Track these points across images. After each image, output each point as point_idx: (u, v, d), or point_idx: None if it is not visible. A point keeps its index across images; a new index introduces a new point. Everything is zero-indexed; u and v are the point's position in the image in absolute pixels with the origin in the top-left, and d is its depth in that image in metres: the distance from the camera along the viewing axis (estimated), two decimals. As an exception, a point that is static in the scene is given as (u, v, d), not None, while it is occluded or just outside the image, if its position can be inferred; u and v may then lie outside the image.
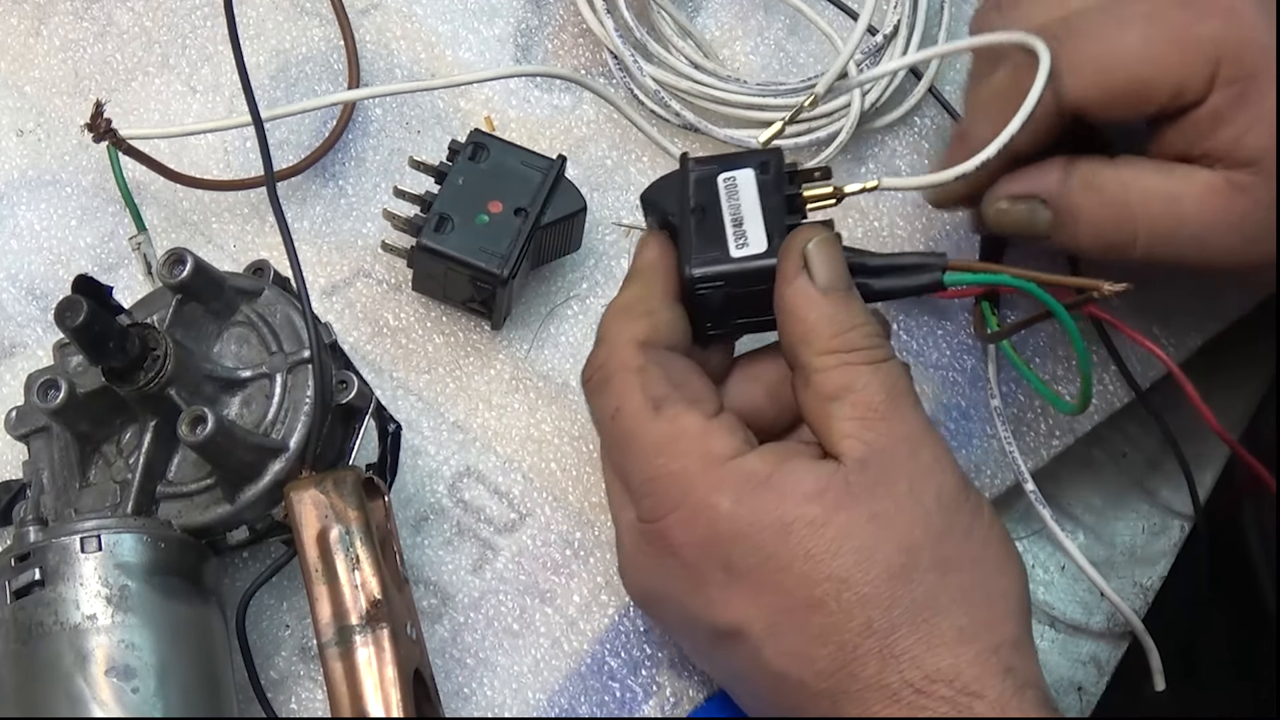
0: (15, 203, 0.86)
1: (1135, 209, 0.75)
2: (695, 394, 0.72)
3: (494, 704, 0.78)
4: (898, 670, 0.66)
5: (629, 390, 0.71)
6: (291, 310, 0.76)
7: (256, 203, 0.86)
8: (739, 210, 0.74)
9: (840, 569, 0.67)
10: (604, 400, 0.72)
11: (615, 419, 0.71)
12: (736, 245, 0.73)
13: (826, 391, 0.70)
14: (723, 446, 0.69)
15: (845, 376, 0.69)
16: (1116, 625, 0.84)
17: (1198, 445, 0.87)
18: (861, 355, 0.70)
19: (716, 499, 0.68)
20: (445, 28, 0.91)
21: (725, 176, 0.75)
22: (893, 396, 0.69)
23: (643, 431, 0.71)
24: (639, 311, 0.73)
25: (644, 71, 0.87)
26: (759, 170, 0.75)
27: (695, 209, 0.74)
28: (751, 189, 0.74)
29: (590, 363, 0.74)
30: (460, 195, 0.80)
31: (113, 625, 0.68)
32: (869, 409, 0.69)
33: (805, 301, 0.71)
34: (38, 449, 0.77)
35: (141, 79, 0.89)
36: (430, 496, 0.81)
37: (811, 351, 0.70)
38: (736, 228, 0.74)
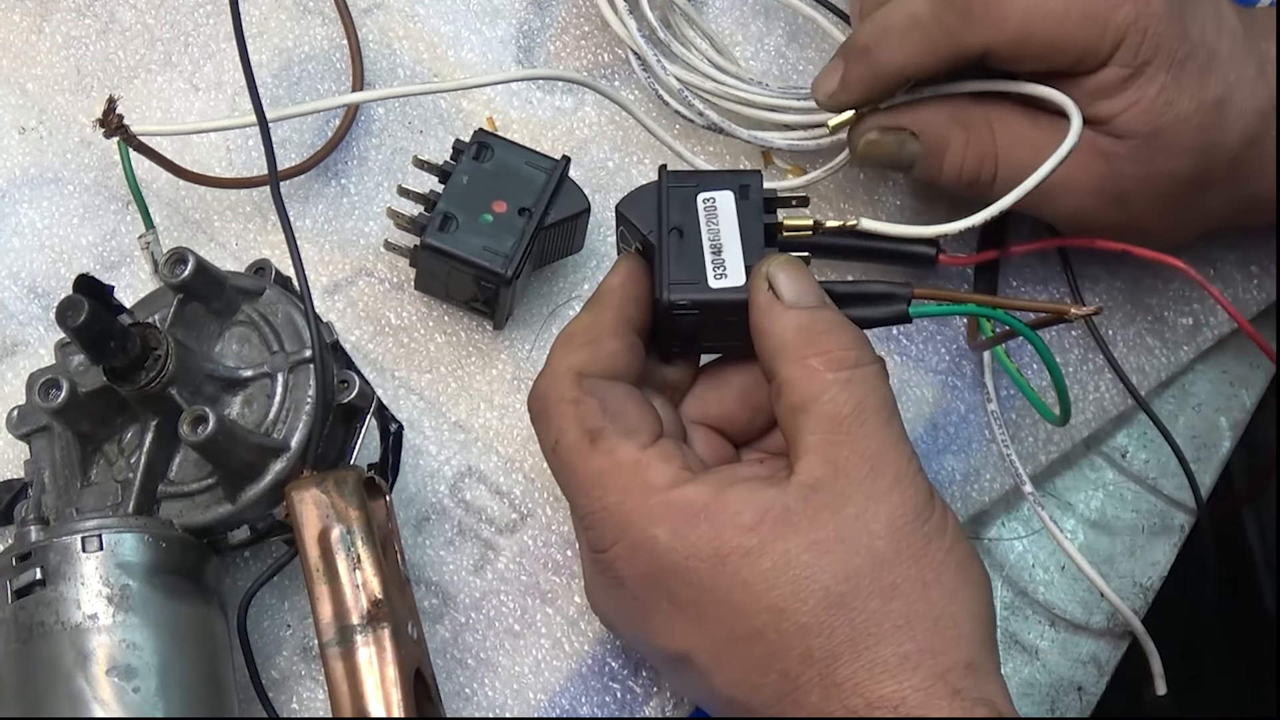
0: (17, 201, 0.86)
1: (1000, 151, 0.78)
2: (632, 424, 0.71)
3: (495, 704, 0.78)
4: (840, 698, 0.65)
5: (565, 422, 0.71)
6: (293, 309, 0.76)
7: (259, 201, 0.86)
8: (718, 236, 0.73)
9: (778, 599, 0.66)
10: (544, 431, 0.72)
11: (555, 451, 0.71)
12: (715, 275, 0.73)
13: (794, 402, 0.69)
14: (658, 477, 0.69)
15: (813, 387, 0.68)
16: (1116, 625, 0.84)
17: (1197, 447, 0.87)
18: (832, 363, 0.69)
19: (654, 531, 0.68)
20: (447, 28, 0.91)
21: (705, 197, 0.74)
22: (860, 411, 0.68)
23: (580, 465, 0.70)
24: (582, 340, 0.73)
25: (668, 71, 0.87)
26: (738, 194, 0.74)
27: (673, 229, 0.74)
28: (731, 213, 0.74)
29: (533, 390, 0.73)
30: (464, 194, 0.80)
31: (114, 625, 0.68)
32: (834, 423, 0.68)
33: (774, 319, 0.71)
34: (39, 448, 0.77)
35: (144, 77, 0.89)
36: (432, 496, 0.81)
37: (782, 362, 0.70)
38: (715, 255, 0.73)
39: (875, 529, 0.67)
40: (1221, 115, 0.77)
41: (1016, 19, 0.76)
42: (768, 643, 0.66)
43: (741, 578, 0.67)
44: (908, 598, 0.66)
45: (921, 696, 0.65)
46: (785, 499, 0.67)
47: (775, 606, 0.66)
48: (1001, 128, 0.79)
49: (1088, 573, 0.81)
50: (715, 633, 0.67)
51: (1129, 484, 0.86)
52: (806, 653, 0.66)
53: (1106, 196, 0.79)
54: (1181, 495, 0.86)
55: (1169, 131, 0.77)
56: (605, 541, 0.69)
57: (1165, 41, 0.76)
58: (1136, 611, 0.83)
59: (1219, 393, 0.88)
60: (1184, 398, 0.88)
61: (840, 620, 0.66)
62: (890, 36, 0.78)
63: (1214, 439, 0.88)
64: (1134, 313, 0.87)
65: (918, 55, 0.77)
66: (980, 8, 0.76)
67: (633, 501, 0.69)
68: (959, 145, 0.79)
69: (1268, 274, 0.88)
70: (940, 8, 0.77)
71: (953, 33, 0.77)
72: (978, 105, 0.79)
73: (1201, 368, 0.88)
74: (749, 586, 0.66)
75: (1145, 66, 0.76)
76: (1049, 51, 0.77)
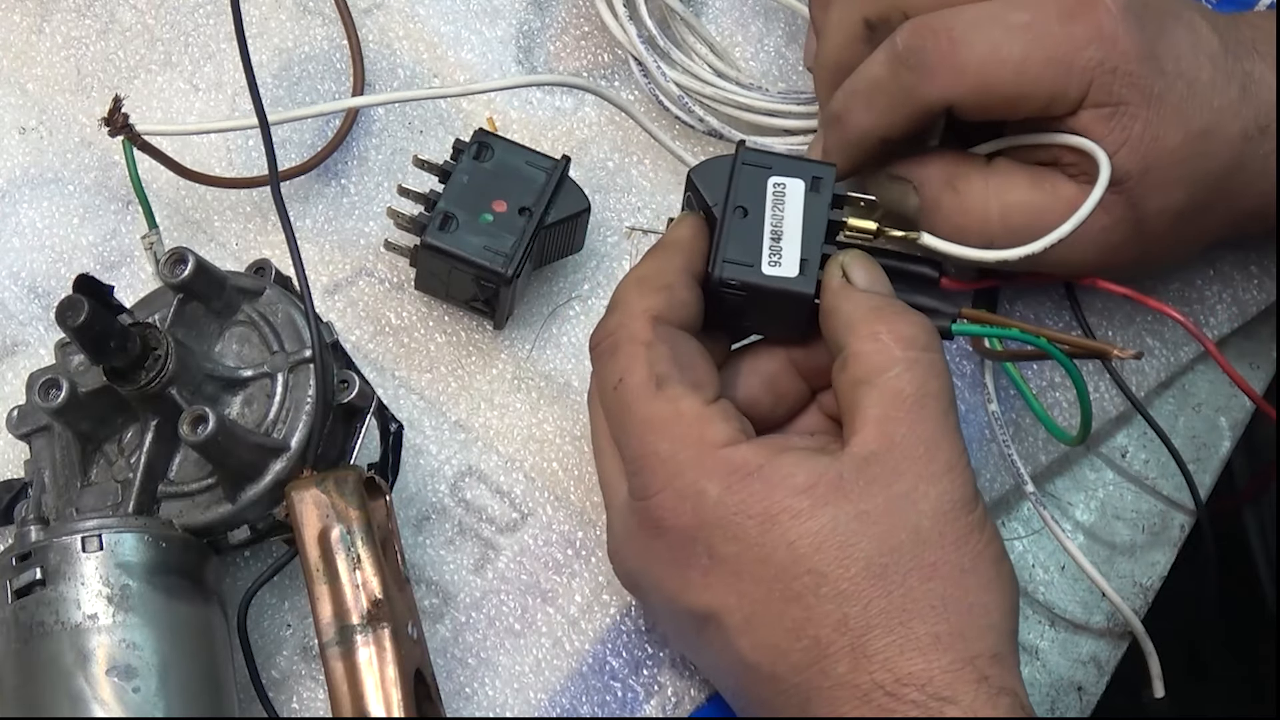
0: (17, 200, 0.86)
1: (994, 220, 0.78)
2: (698, 378, 0.72)
3: (495, 704, 0.78)
4: (869, 671, 0.66)
5: (635, 363, 0.71)
6: (293, 309, 0.76)
7: (259, 201, 0.86)
8: (780, 223, 0.74)
9: (821, 563, 0.67)
10: (609, 369, 0.72)
11: (617, 390, 0.72)
12: (769, 262, 0.73)
13: (859, 375, 0.70)
14: (717, 434, 0.70)
15: (879, 360, 0.70)
16: (1116, 625, 0.84)
17: (1197, 447, 0.87)
18: (901, 341, 0.70)
19: (705, 484, 0.69)
20: (448, 28, 0.91)
21: (776, 181, 0.75)
22: (923, 394, 0.69)
23: (641, 407, 0.71)
24: (656, 284, 0.73)
25: (668, 77, 0.86)
26: (810, 185, 0.75)
27: (739, 207, 0.74)
28: (798, 203, 0.75)
29: (601, 328, 0.74)
30: (465, 194, 0.81)
31: (114, 625, 0.68)
32: (897, 400, 0.69)
33: (848, 299, 0.72)
34: (39, 448, 0.77)
35: (144, 77, 0.89)
36: (432, 496, 0.81)
37: (853, 336, 0.71)
38: (774, 242, 0.74)
39: (923, 509, 0.68)
40: (1208, 144, 0.77)
41: (973, 70, 0.75)
42: (805, 606, 0.67)
43: (788, 538, 0.67)
44: (945, 580, 0.67)
45: (949, 678, 0.65)
46: (839, 467, 0.68)
47: (818, 570, 0.67)
48: (999, 191, 0.78)
49: (1089, 572, 0.81)
50: (752, 592, 0.68)
51: (1129, 484, 0.86)
52: (842, 620, 0.66)
53: (1108, 246, 0.78)
54: (1181, 495, 0.86)
55: (1159, 167, 0.76)
56: (652, 488, 0.70)
57: (1140, 79, 0.75)
58: (1136, 612, 0.83)
59: (1219, 393, 0.88)
60: (1184, 398, 0.88)
61: (879, 592, 0.67)
62: (856, 101, 0.78)
63: (1214, 439, 0.88)
64: (1133, 313, 0.87)
65: (883, 117, 0.77)
66: (935, 62, 0.75)
67: (688, 453, 0.69)
68: (950, 208, 0.78)
69: (1268, 274, 0.88)
70: (895, 67, 0.76)
71: (911, 90, 0.76)
72: (978, 168, 0.79)
73: (1201, 368, 0.88)
74: (794, 548, 0.67)
75: (1123, 105, 0.75)
76: (1012, 100, 0.76)
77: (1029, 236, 0.76)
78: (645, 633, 0.79)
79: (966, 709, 0.65)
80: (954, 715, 0.65)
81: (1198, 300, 0.88)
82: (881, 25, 0.78)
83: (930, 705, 0.65)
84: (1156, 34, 0.76)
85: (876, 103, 0.77)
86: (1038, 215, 0.77)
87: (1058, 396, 0.85)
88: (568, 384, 0.84)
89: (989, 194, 0.78)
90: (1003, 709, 0.66)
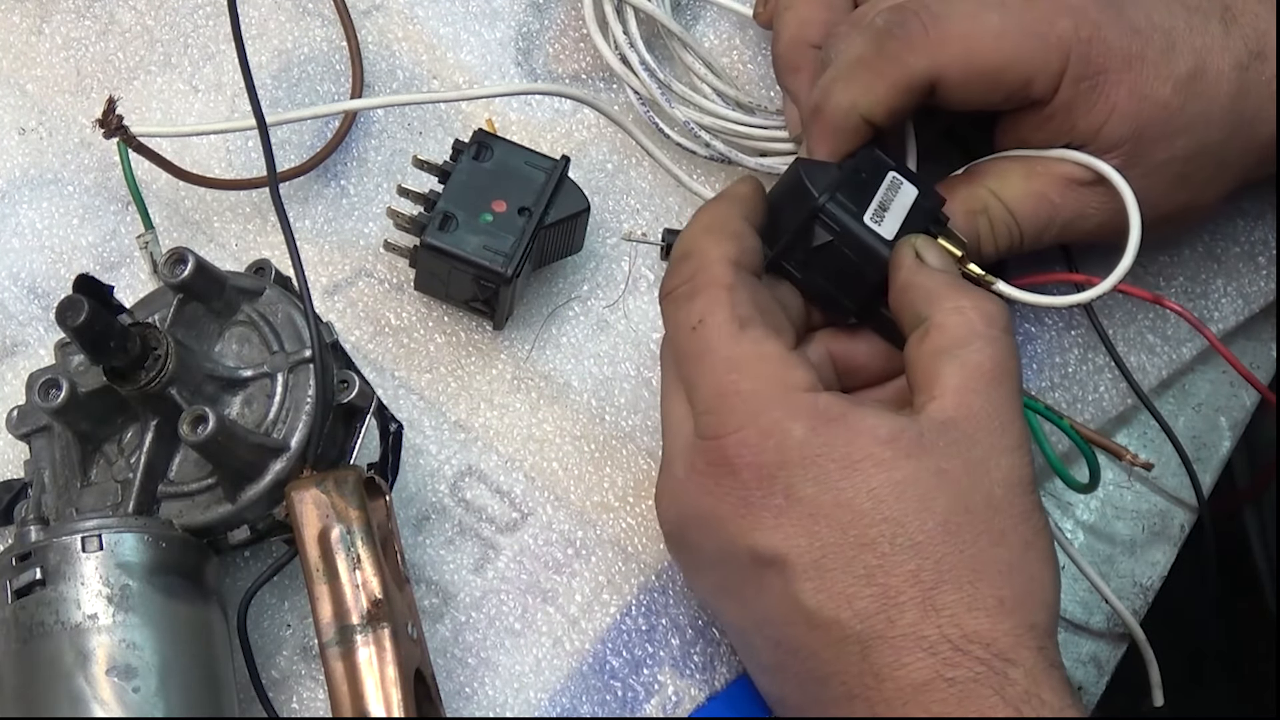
0: (17, 201, 0.86)
1: (1016, 218, 0.79)
2: (779, 324, 0.73)
3: (495, 703, 0.78)
4: (936, 624, 0.66)
5: (717, 305, 0.72)
6: (293, 310, 0.76)
7: (259, 202, 0.86)
8: (889, 203, 0.76)
9: (899, 513, 0.68)
10: (687, 312, 0.72)
11: (697, 330, 0.72)
12: (872, 219, 0.75)
13: (942, 344, 0.71)
14: (800, 379, 0.70)
15: (963, 332, 0.71)
16: (1116, 625, 0.84)
17: (1197, 447, 0.87)
18: (984, 316, 0.71)
19: (790, 424, 0.69)
20: (447, 30, 0.91)
21: (895, 175, 0.77)
22: (1001, 371, 0.70)
23: (723, 347, 0.71)
24: (728, 232, 0.74)
25: (673, 105, 0.86)
26: (922, 195, 0.77)
27: (858, 171, 0.76)
28: (908, 201, 0.76)
29: (674, 274, 0.74)
30: (464, 194, 0.81)
31: (114, 625, 0.68)
32: (978, 372, 0.70)
33: (925, 274, 0.73)
34: (39, 448, 0.77)
35: (144, 78, 0.89)
36: (432, 496, 0.81)
37: (938, 307, 0.72)
38: (880, 210, 0.76)
39: (996, 477, 0.69)
40: (1200, 84, 0.78)
41: (957, 39, 0.76)
42: (879, 554, 0.68)
43: (870, 485, 0.68)
44: (1012, 548, 0.68)
45: (1011, 641, 0.66)
46: (919, 426, 0.69)
47: (895, 519, 0.68)
48: (1008, 193, 0.79)
49: (1091, 577, 0.81)
50: (826, 535, 0.68)
51: (1129, 484, 0.86)
52: (915, 571, 0.67)
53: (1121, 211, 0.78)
54: (1182, 495, 0.86)
55: (1155, 121, 0.78)
56: (728, 426, 0.70)
57: (1113, 43, 0.77)
58: (1136, 612, 0.83)
59: (1219, 393, 0.88)
60: (1184, 398, 0.88)
61: (951, 549, 0.67)
62: (836, 82, 0.78)
63: (1214, 439, 0.88)
64: (1135, 310, 0.87)
65: (865, 90, 0.77)
66: (919, 32, 0.76)
67: (772, 391, 0.70)
68: (986, 231, 0.79)
69: (1275, 266, 0.88)
70: (881, 37, 0.77)
71: (898, 60, 0.76)
72: (979, 183, 0.80)
73: (1201, 368, 0.88)
74: (874, 494, 0.68)
75: (1103, 74, 0.77)
76: (996, 72, 0.77)
77: (1041, 219, 0.79)
78: (645, 632, 0.79)
79: (1028, 672, 0.66)
80: (1018, 678, 0.66)
81: (1202, 295, 0.88)
82: None
83: (995, 664, 0.66)
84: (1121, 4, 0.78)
85: (859, 77, 0.77)
86: (1042, 198, 0.79)
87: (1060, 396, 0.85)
88: (567, 384, 0.84)
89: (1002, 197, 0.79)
90: (1056, 681, 0.67)
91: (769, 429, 0.69)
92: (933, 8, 0.77)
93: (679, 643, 0.79)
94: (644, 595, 0.80)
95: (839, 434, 0.69)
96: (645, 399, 0.84)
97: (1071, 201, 0.79)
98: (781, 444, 0.69)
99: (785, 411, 0.69)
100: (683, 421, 0.72)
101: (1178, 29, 0.78)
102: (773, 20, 0.85)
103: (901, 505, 0.68)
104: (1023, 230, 0.79)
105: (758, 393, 0.70)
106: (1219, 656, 1.17)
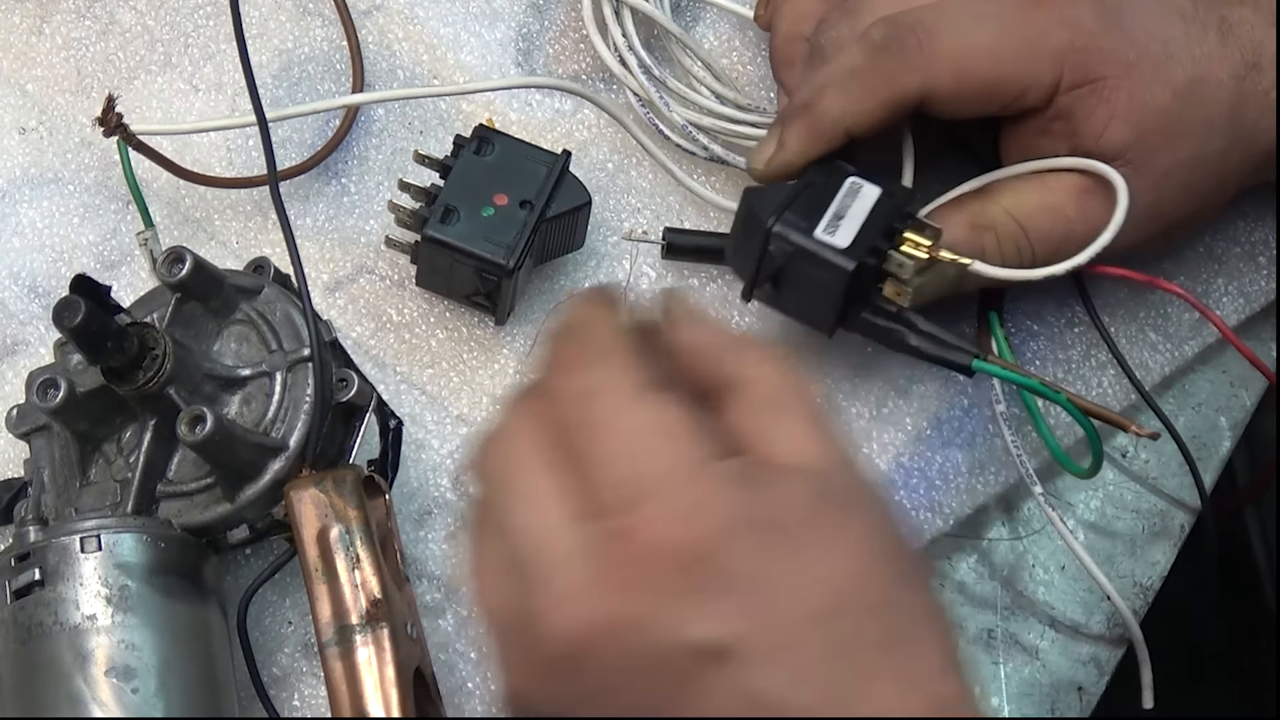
0: (17, 200, 0.86)
1: (1027, 232, 0.79)
2: (678, 391, 0.60)
3: (498, 698, 0.78)
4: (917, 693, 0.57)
5: (616, 370, 0.60)
6: (291, 308, 0.76)
7: (259, 200, 0.86)
8: (846, 209, 0.76)
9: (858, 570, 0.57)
10: (580, 380, 0.60)
11: (590, 400, 0.59)
12: (825, 230, 0.75)
13: (769, 397, 0.61)
14: (711, 448, 0.58)
15: (780, 380, 0.61)
16: (1116, 625, 0.84)
17: (1197, 447, 0.87)
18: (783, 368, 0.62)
19: (713, 496, 0.57)
20: (447, 30, 0.91)
21: (854, 180, 0.77)
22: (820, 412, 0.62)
23: (625, 415, 0.59)
24: (610, 301, 0.63)
25: (670, 108, 0.86)
26: (885, 193, 0.76)
27: (811, 183, 0.77)
28: (869, 203, 0.76)
29: (555, 351, 0.62)
30: (466, 187, 0.81)
31: (113, 625, 0.68)
32: (817, 415, 0.61)
33: (702, 332, 0.63)
34: (38, 447, 0.77)
35: (144, 77, 0.89)
36: (434, 490, 0.81)
37: (740, 364, 0.62)
38: (835, 219, 0.75)
39: (892, 519, 0.60)
40: (1199, 91, 0.78)
41: (949, 56, 0.77)
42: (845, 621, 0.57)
43: (822, 545, 0.58)
44: (925, 589, 0.61)
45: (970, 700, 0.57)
46: (822, 481, 0.59)
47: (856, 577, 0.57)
48: (1018, 208, 0.79)
49: (1095, 575, 0.81)
50: (784, 610, 0.57)
51: (1129, 484, 0.86)
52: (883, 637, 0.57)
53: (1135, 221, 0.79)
54: (1182, 495, 0.86)
55: (1156, 128, 0.78)
56: (638, 506, 0.57)
57: (1110, 52, 0.77)
58: (1136, 613, 0.83)
59: (1219, 393, 0.88)
60: (1184, 398, 0.88)
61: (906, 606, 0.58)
62: (828, 90, 0.78)
63: (1214, 439, 0.88)
64: (1136, 308, 0.87)
65: (855, 103, 0.78)
66: (914, 49, 0.77)
67: (684, 463, 0.58)
68: (993, 246, 0.79)
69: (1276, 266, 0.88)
70: (876, 53, 0.77)
71: (891, 77, 0.77)
72: (989, 198, 0.80)
73: (1201, 368, 0.88)
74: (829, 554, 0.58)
75: (1102, 80, 0.77)
76: (989, 87, 0.77)
77: (1056, 235, 0.78)
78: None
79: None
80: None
81: (1203, 295, 0.88)
82: None
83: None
84: (1119, 6, 0.78)
85: (851, 89, 0.78)
86: (1055, 211, 0.79)
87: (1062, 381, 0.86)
88: (568, 382, 0.84)
89: (1013, 214, 0.79)
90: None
91: (690, 505, 0.57)
92: (927, 22, 0.77)
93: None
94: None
95: (769, 499, 0.58)
96: (646, 397, 0.83)
97: (1086, 214, 0.78)
98: (707, 519, 0.57)
99: (705, 483, 0.57)
100: (557, 525, 0.58)
101: (1175, 38, 0.78)
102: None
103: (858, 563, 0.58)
104: (1034, 246, 0.79)
105: (670, 466, 0.58)
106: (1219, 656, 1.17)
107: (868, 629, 0.57)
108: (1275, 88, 0.79)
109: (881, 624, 0.57)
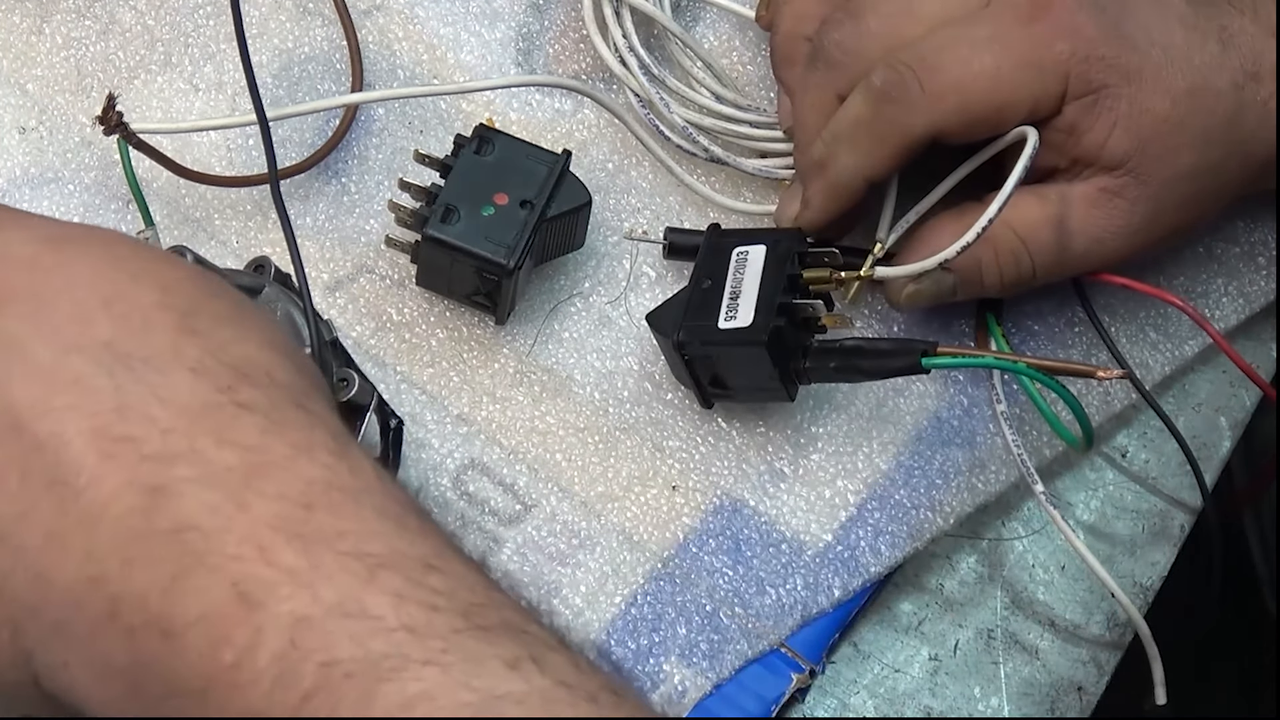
0: (17, 200, 0.86)
1: (1028, 245, 0.79)
2: None
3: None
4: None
5: None
6: (292, 307, 0.76)
7: (260, 199, 0.86)
8: (740, 284, 0.77)
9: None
10: None
11: None
12: (726, 317, 0.77)
13: None
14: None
15: None
16: (1116, 626, 0.84)
17: (1197, 447, 0.87)
18: None
19: None
20: (447, 30, 0.91)
21: (740, 250, 0.78)
22: None
23: None
24: None
25: (671, 109, 0.87)
26: (770, 247, 0.78)
27: (703, 279, 0.78)
28: (759, 264, 0.78)
29: None
30: (466, 187, 0.81)
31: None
32: None
33: None
34: (40, 443, 0.76)
35: (144, 77, 0.89)
36: (434, 490, 0.81)
37: None
38: (732, 301, 0.77)
39: None
40: (1200, 100, 0.78)
41: (952, 90, 0.76)
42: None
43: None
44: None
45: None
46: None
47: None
48: (1016, 219, 0.79)
49: (1098, 572, 0.81)
50: None
51: (1129, 484, 0.86)
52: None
53: (1132, 230, 0.79)
54: (1182, 495, 0.86)
55: (1157, 136, 0.78)
56: None
57: (1113, 60, 0.77)
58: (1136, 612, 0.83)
59: (1219, 393, 0.88)
60: (1184, 398, 0.88)
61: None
62: (839, 144, 0.79)
63: (1214, 439, 0.88)
64: (1136, 308, 0.87)
65: (869, 156, 0.78)
66: (915, 91, 0.76)
67: None
68: (990, 259, 0.79)
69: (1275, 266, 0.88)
70: (879, 102, 0.77)
71: (896, 123, 0.77)
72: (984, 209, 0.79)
73: (1202, 368, 0.88)
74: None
75: (1104, 89, 0.77)
76: (995, 112, 0.77)
77: (1057, 249, 0.79)
78: (650, 620, 0.79)
79: None
80: None
81: (1203, 295, 0.88)
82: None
83: None
84: (1120, 13, 0.78)
85: (861, 142, 0.78)
86: (1058, 224, 0.79)
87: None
88: (570, 378, 0.84)
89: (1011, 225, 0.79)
90: None
91: None
92: (927, 58, 0.77)
93: (685, 631, 0.79)
94: (650, 584, 0.80)
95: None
96: (649, 393, 0.83)
97: (1087, 225, 0.79)
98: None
99: None
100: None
101: (1176, 46, 0.78)
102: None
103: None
104: (1034, 259, 0.79)
105: None
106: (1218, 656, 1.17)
107: None
108: (1274, 97, 0.79)
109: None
